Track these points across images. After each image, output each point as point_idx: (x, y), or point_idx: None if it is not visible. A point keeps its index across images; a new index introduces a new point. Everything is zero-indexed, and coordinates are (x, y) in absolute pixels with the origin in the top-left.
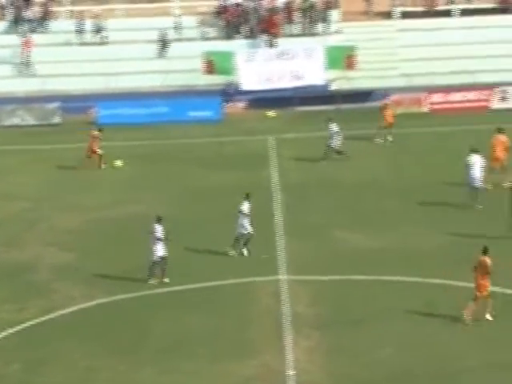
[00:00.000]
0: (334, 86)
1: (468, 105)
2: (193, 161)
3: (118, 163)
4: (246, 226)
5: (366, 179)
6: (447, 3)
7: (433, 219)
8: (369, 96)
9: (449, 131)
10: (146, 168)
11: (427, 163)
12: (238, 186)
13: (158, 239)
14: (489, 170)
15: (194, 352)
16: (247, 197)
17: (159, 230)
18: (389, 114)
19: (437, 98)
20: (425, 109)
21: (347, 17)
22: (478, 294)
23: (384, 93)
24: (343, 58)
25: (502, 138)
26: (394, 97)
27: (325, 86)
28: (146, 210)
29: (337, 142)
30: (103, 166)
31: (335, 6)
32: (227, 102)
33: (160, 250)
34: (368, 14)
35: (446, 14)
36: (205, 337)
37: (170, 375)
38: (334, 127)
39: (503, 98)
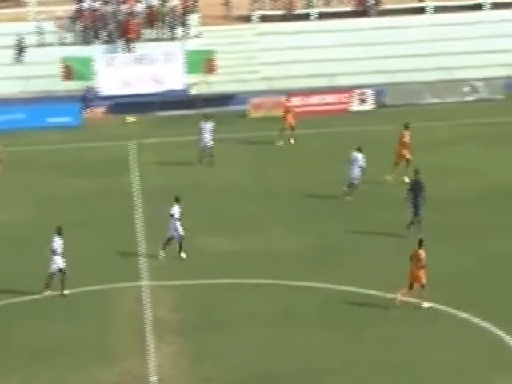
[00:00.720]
0: (194, 91)
1: (327, 107)
2: (52, 167)
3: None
4: (178, 229)
5: (229, 183)
6: (306, 7)
7: (297, 221)
8: (229, 100)
9: (309, 134)
10: (5, 175)
11: (289, 166)
12: (98, 192)
13: (55, 251)
14: (394, 165)
15: (57, 359)
16: (177, 200)
17: (58, 242)
18: (290, 116)
19: (296, 101)
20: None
21: (207, 21)
22: (413, 284)
23: (244, 97)
24: (203, 62)
25: (407, 134)
26: (255, 100)
27: (185, 91)
28: (5, 217)
29: (208, 142)
30: None
31: (194, 10)
32: (86, 107)
33: (58, 263)
34: (227, 18)
35: (305, 17)
36: (67, 344)
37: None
38: (209, 125)
39: (362, 101)
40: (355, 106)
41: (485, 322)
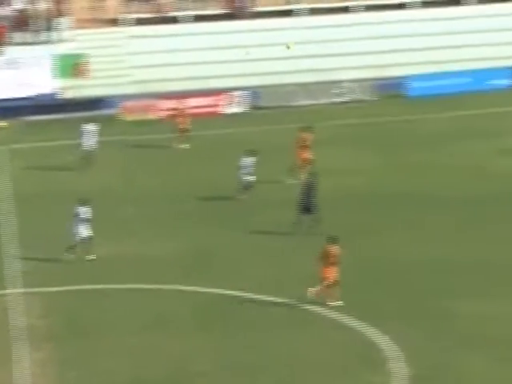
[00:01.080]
0: (64, 95)
1: (201, 110)
2: None
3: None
4: (81, 231)
5: (101, 187)
6: (178, 9)
7: (171, 225)
8: (101, 103)
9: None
10: None
11: (163, 169)
12: None
13: None
14: (295, 168)
15: None
16: (84, 201)
17: None
18: (182, 120)
19: (169, 104)
20: (158, 115)
21: (78, 24)
22: (323, 282)
23: (116, 100)
24: (73, 65)
25: (309, 136)
26: (127, 104)
27: (55, 95)
28: None
29: (90, 142)
30: None
31: (65, 13)
32: None
33: None
34: (99, 21)
35: (177, 20)
36: None
37: None
38: (91, 128)
39: (235, 103)
40: (228, 109)
41: (357, 322)
